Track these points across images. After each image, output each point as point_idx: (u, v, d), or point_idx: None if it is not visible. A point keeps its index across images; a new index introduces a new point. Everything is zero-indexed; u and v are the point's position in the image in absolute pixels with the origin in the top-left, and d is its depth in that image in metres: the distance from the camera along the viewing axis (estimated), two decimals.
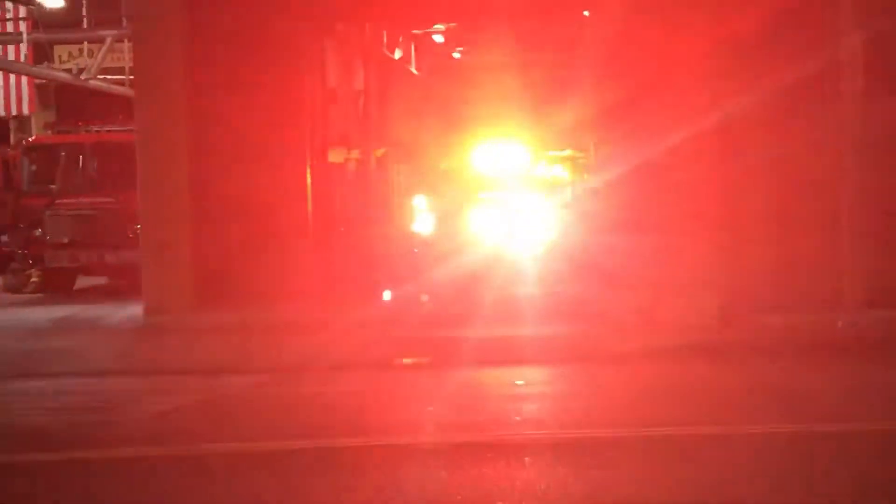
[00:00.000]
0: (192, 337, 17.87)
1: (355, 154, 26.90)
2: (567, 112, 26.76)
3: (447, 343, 16.43)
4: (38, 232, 25.15)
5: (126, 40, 26.51)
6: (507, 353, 15.65)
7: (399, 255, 20.31)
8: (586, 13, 21.76)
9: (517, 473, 9.84)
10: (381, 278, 20.00)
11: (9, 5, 29.29)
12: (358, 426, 11.89)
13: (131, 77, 24.91)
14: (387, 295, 19.91)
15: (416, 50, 33.21)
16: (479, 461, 10.15)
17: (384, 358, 15.77)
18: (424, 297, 18.92)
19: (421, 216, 20.55)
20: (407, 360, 15.87)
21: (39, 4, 28.42)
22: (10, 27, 29.66)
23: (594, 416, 12.28)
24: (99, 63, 29.41)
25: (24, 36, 29.38)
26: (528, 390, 13.86)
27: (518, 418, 12.38)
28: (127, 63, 27.34)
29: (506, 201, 21.12)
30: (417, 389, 14.15)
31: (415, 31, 31.55)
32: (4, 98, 31.37)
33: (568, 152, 31.33)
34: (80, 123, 28.95)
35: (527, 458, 10.34)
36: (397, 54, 31.72)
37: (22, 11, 29.33)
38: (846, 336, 15.75)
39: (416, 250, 20.54)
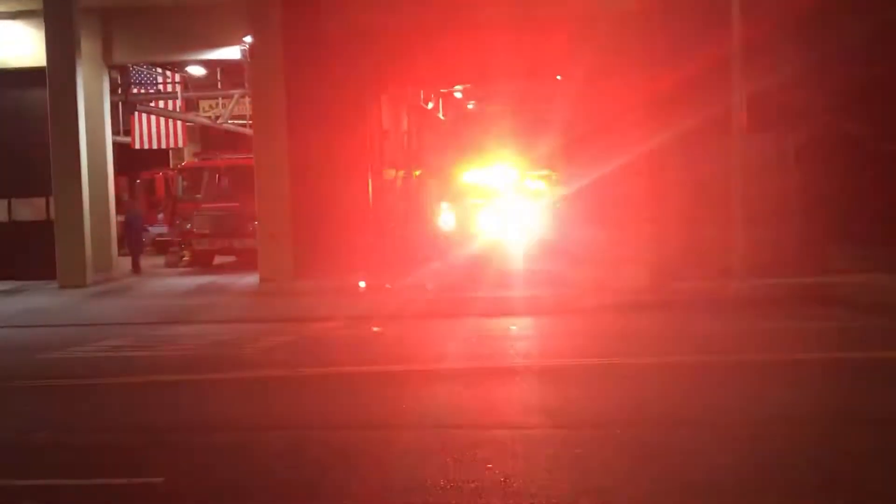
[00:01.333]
0: (292, 297, 17.82)
1: (401, 173, 26.81)
2: (545, 144, 26.64)
3: (463, 301, 16.34)
4: (189, 226, 25.19)
5: (247, 97, 26.47)
6: (503, 308, 15.56)
7: (430, 243, 20.14)
8: (559, 77, 21.60)
9: (511, 390, 9.78)
10: (417, 258, 19.87)
11: (168, 73, 29.31)
12: (402, 357, 11.87)
13: (251, 121, 24.87)
14: (425, 269, 19.97)
15: (443, 103, 33.10)
16: (486, 381, 10.09)
17: (419, 312, 15.68)
18: (429, 286, 18.68)
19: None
20: (434, 311, 15.73)
21: (189, 73, 28.45)
22: (169, 87, 29.67)
23: (564, 350, 12.21)
24: (230, 112, 29.39)
25: (179, 93, 29.38)
26: (518, 333, 13.80)
27: (511, 351, 12.32)
28: (248, 111, 27.30)
29: (503, 206, 21.02)
30: (442, 333, 14.08)
31: (442, 90, 31.43)
32: (165, 136, 31.32)
33: (546, 172, 31.17)
34: (216, 153, 28.92)
35: (517, 378, 10.28)
36: (430, 105, 31.61)
37: (177, 77, 29.38)
38: (734, 297, 15.59)
39: (442, 239, 20.39)
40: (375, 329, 14.27)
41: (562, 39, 20.02)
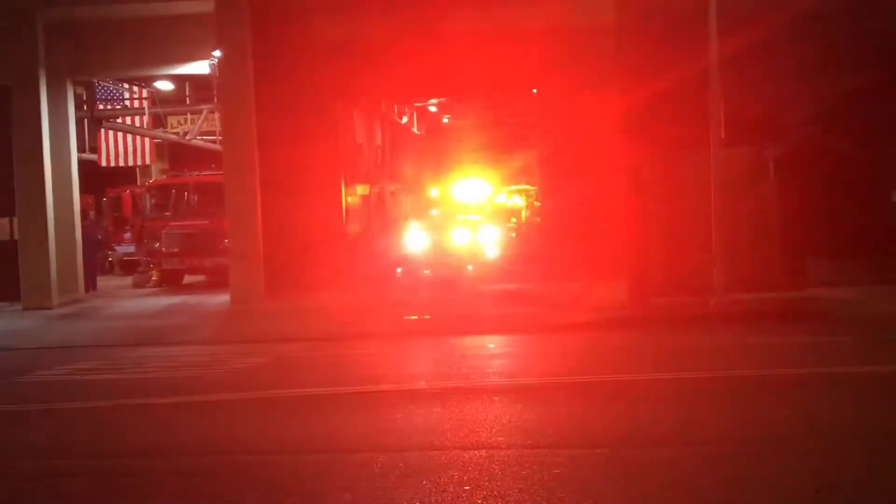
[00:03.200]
0: (264, 317, 17.78)
1: (376, 189, 26.82)
2: (521, 158, 26.78)
3: (436, 320, 16.33)
4: (157, 245, 25.07)
5: (216, 112, 26.44)
6: (478, 326, 15.56)
7: (405, 258, 20.05)
8: (534, 90, 21.69)
9: (488, 409, 9.77)
10: (391, 272, 19.85)
11: (135, 89, 29.24)
12: (375, 377, 11.84)
13: (220, 137, 24.82)
14: (399, 277, 20.07)
15: (417, 117, 33.17)
16: (462, 401, 10.08)
17: (392, 330, 15.67)
18: (399, 270, 19.29)
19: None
20: (409, 330, 15.73)
21: (156, 88, 28.37)
22: (136, 103, 29.57)
23: (541, 368, 12.22)
24: (198, 128, 29.33)
25: (146, 109, 29.30)
26: (494, 352, 13.81)
27: (488, 370, 12.31)
28: (217, 127, 27.26)
29: (476, 219, 21.00)
30: (416, 352, 14.08)
31: (416, 104, 31.50)
32: (133, 152, 31.21)
33: (523, 186, 31.29)
34: (185, 170, 28.85)
35: (494, 398, 10.28)
36: (404, 120, 31.66)
37: (144, 93, 29.29)
38: (715, 312, 15.67)
39: (415, 256, 20.26)
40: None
41: (536, 53, 20.12)
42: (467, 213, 21.59)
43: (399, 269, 20.03)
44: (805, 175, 18.55)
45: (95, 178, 31.48)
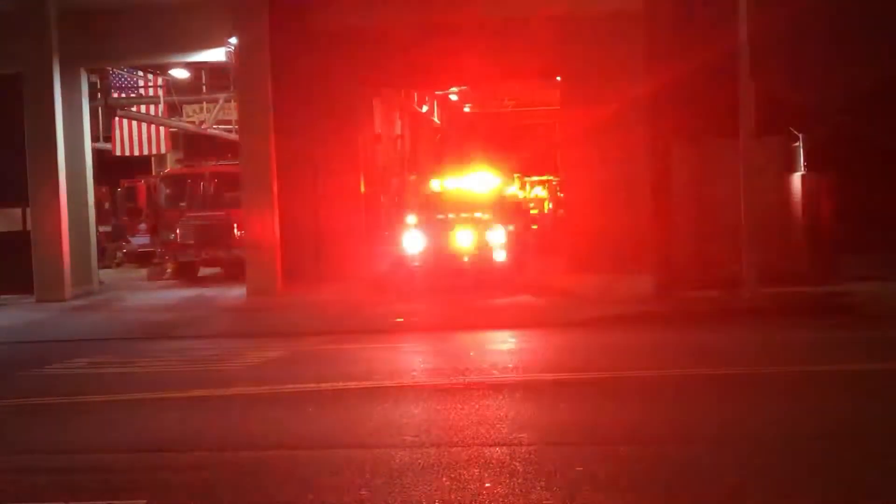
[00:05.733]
0: (281, 311, 17.82)
1: (395, 180, 26.82)
2: (544, 147, 26.74)
3: (458, 313, 16.31)
4: (172, 236, 25.17)
5: (233, 100, 26.48)
6: (500, 320, 15.56)
7: (402, 258, 19.60)
8: (558, 78, 21.61)
9: (510, 405, 9.76)
10: (409, 265, 19.49)
11: (150, 77, 29.32)
12: (393, 372, 11.84)
13: (236, 126, 24.86)
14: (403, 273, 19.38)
15: (438, 106, 33.14)
16: (482, 397, 10.08)
17: (411, 325, 15.70)
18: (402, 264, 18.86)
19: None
20: (429, 324, 15.71)
21: (172, 76, 28.45)
22: (151, 92, 29.66)
23: (564, 364, 12.18)
24: (214, 116, 29.41)
25: (161, 98, 29.39)
26: (516, 346, 13.81)
27: (510, 365, 12.30)
28: (233, 116, 27.30)
29: (498, 210, 20.50)
30: (436, 347, 14.08)
31: (437, 93, 31.47)
32: (147, 142, 31.32)
33: (545, 176, 31.25)
34: (200, 160, 28.94)
35: (516, 393, 10.27)
36: (424, 109, 31.65)
37: (159, 81, 29.38)
38: (743, 306, 15.60)
39: (411, 256, 19.20)
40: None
41: (561, 39, 20.06)
42: (474, 209, 20.01)
43: (401, 264, 19.31)
44: (837, 166, 18.45)
45: (110, 167, 31.63)
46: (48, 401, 10.88)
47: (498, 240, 19.03)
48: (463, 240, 19.11)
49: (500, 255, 18.92)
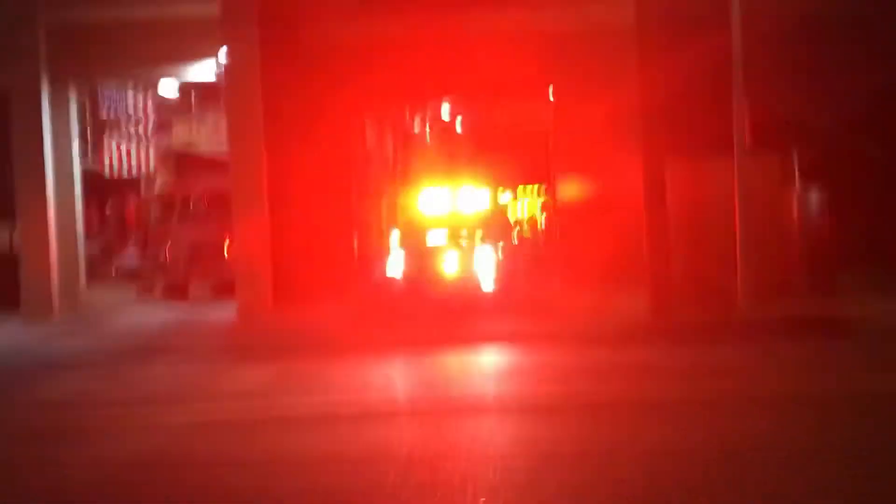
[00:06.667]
0: (272, 331, 17.78)
1: (386, 198, 26.83)
2: (536, 161, 26.82)
3: (446, 333, 16.32)
4: (162, 255, 25.19)
5: (222, 119, 26.54)
6: (488, 337, 15.55)
7: (407, 274, 19.15)
8: (551, 92, 21.69)
9: (503, 424, 9.78)
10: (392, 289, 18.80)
11: (140, 97, 29.42)
12: (387, 393, 11.83)
13: (227, 144, 24.90)
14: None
15: (429, 122, 33.19)
16: (476, 416, 10.08)
17: (404, 344, 15.68)
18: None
19: (435, 238, 19.44)
20: (422, 343, 15.63)
21: (161, 95, 28.54)
22: (140, 111, 29.75)
23: (555, 383, 12.16)
24: (204, 135, 29.51)
25: (151, 117, 29.48)
26: (505, 367, 13.82)
27: (500, 386, 12.29)
28: (223, 135, 27.35)
29: (487, 227, 20.03)
30: (424, 366, 14.09)
31: (427, 109, 31.52)
32: (136, 161, 31.41)
33: (538, 186, 31.32)
34: (190, 179, 28.98)
35: (510, 413, 10.28)
36: (416, 126, 31.72)
37: (149, 101, 29.48)
38: (740, 323, 15.61)
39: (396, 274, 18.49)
40: None
41: (554, 54, 20.15)
42: (461, 227, 19.36)
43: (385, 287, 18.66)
44: (833, 181, 18.51)
45: (99, 186, 31.64)
46: (30, 424, 10.84)
47: (485, 261, 18.47)
48: (448, 262, 18.49)
49: (487, 278, 18.31)
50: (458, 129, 34.80)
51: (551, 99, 21.84)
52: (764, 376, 11.67)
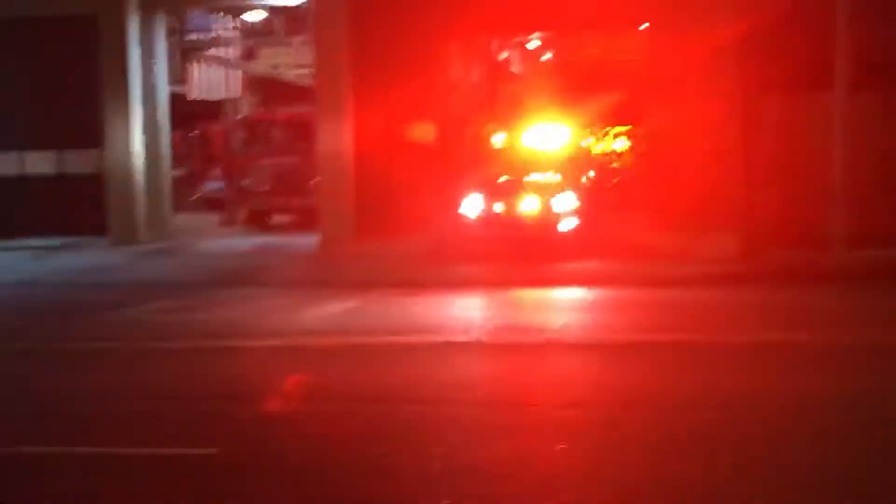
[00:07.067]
0: (353, 260, 17.80)
1: (473, 129, 26.58)
2: (628, 98, 26.25)
3: (535, 270, 16.17)
4: (246, 182, 25.35)
5: (309, 44, 26.45)
6: (577, 278, 15.38)
7: (484, 216, 18.51)
8: (643, 25, 21.13)
9: (585, 366, 9.68)
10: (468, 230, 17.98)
11: (226, 19, 29.42)
12: (469, 327, 11.80)
13: (312, 71, 24.84)
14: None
15: (518, 54, 32.74)
16: (557, 356, 9.99)
17: (484, 278, 15.58)
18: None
19: (499, 185, 18.63)
20: (503, 278, 15.48)
21: (247, 20, 28.54)
22: (227, 35, 29.79)
23: (641, 324, 11.99)
24: (290, 61, 29.48)
25: (237, 41, 29.53)
26: (591, 305, 13.67)
27: (586, 325, 12.14)
28: (309, 60, 27.29)
29: (570, 168, 19.34)
30: (510, 302, 14.03)
31: (516, 40, 31.08)
32: (222, 85, 31.51)
33: (628, 128, 30.73)
34: (275, 105, 29.03)
35: (592, 355, 10.16)
36: (504, 56, 31.31)
37: (236, 24, 29.48)
38: (835, 269, 15.19)
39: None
40: None
41: None
42: (543, 168, 18.39)
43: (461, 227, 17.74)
44: None
45: (183, 111, 31.89)
46: (121, 345, 11.07)
47: (566, 205, 17.61)
48: (527, 205, 17.61)
49: (568, 223, 17.49)
50: (547, 64, 34.34)
51: (644, 34, 21.29)
52: (852, 323, 11.34)
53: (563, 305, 13.65)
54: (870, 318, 11.70)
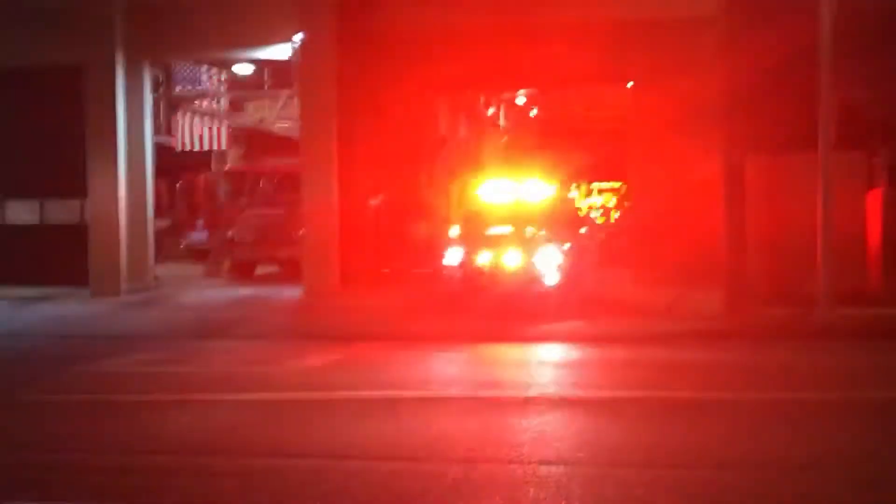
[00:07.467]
0: (338, 312, 17.75)
1: (458, 183, 26.71)
2: (612, 154, 26.49)
3: (513, 327, 16.15)
4: (230, 233, 25.36)
5: (295, 98, 26.63)
6: (555, 334, 15.35)
7: (465, 269, 18.36)
8: (630, 84, 21.36)
9: (567, 423, 9.64)
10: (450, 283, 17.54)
11: (213, 72, 29.60)
12: (449, 382, 11.75)
13: (298, 124, 24.97)
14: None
15: (504, 110, 33.02)
16: (539, 413, 9.95)
17: (466, 333, 15.55)
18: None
19: (481, 238, 18.33)
20: (485, 334, 15.45)
21: (234, 72, 28.71)
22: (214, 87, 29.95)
23: (622, 382, 11.97)
24: (276, 114, 29.63)
25: (224, 93, 29.69)
26: (571, 362, 13.64)
27: (566, 382, 12.12)
28: (295, 114, 27.44)
29: (554, 223, 19.07)
30: (493, 358, 13.99)
31: (503, 96, 31.38)
32: (208, 137, 31.63)
33: (613, 184, 30.99)
34: (261, 157, 29.15)
35: (573, 410, 10.12)
36: (490, 112, 31.58)
37: (222, 77, 29.66)
38: (819, 327, 15.22)
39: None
40: None
41: (633, 44, 19.82)
42: (526, 222, 17.93)
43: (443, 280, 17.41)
44: None
45: (169, 162, 31.94)
46: (96, 398, 10.96)
47: (550, 260, 17.10)
48: (509, 260, 17.09)
49: (552, 278, 16.94)
50: (533, 120, 34.65)
51: (630, 91, 21.51)
52: (837, 382, 11.34)
53: (546, 362, 13.59)
54: (856, 377, 11.70)
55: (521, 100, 32.51)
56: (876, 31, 17.44)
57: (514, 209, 18.59)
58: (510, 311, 16.46)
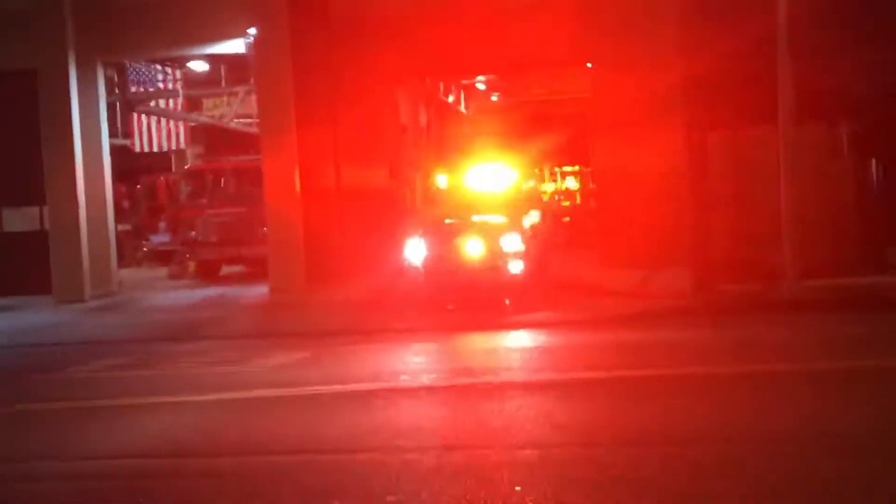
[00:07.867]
0: (304, 310, 17.76)
1: (421, 174, 26.75)
2: (575, 137, 26.61)
3: (484, 313, 16.24)
4: (193, 234, 25.25)
5: (253, 93, 26.54)
6: (525, 319, 15.41)
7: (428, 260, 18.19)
8: (589, 64, 21.43)
9: (541, 405, 9.72)
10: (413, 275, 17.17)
11: (168, 70, 29.46)
12: (418, 371, 11.81)
13: (257, 120, 24.90)
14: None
15: (464, 95, 33.06)
16: (511, 397, 10.02)
17: (435, 325, 15.62)
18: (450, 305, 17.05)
19: (443, 228, 18.24)
20: (451, 324, 15.54)
21: (190, 69, 28.59)
22: (169, 86, 29.79)
23: (594, 362, 12.06)
24: (234, 110, 29.53)
25: (180, 92, 29.55)
26: (542, 345, 13.73)
27: (536, 365, 12.20)
28: (254, 109, 27.36)
29: (517, 209, 19.05)
30: (462, 347, 14.06)
31: (462, 82, 31.41)
32: (166, 137, 31.53)
33: (577, 167, 31.11)
34: (221, 155, 29.05)
35: (546, 393, 10.21)
36: (451, 98, 31.58)
37: (178, 74, 29.52)
38: (786, 300, 15.42)
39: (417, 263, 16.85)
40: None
41: (592, 25, 19.89)
42: (488, 209, 17.73)
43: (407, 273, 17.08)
44: (882, 154, 18.21)
45: (128, 164, 31.81)
46: (65, 405, 10.93)
47: (514, 247, 16.70)
48: (472, 248, 16.72)
49: (516, 265, 16.55)
50: (494, 105, 34.69)
51: (590, 73, 21.58)
52: (804, 353, 11.51)
53: (515, 348, 13.68)
54: (822, 347, 11.88)
55: (481, 85, 32.55)
56: (834, 6, 17.63)
57: (477, 197, 18.59)
58: (477, 301, 16.39)
